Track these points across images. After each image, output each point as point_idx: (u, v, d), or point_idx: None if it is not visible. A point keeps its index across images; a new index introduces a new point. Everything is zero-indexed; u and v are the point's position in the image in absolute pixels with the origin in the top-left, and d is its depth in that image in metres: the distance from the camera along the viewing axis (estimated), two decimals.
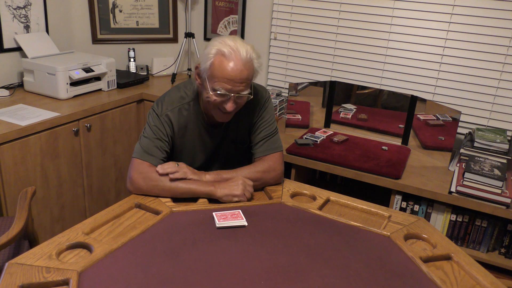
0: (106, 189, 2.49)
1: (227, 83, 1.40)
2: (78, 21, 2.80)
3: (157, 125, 1.54)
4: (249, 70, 1.42)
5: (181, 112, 1.57)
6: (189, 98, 1.58)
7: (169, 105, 1.56)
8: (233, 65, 1.39)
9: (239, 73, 1.40)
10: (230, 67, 1.39)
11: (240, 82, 1.41)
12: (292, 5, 2.65)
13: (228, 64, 1.39)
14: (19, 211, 1.56)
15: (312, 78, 2.70)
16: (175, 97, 1.58)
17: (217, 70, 1.40)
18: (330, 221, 1.40)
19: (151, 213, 1.39)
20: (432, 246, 1.31)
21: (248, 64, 1.41)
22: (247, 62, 1.41)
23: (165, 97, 1.59)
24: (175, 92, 1.59)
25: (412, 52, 2.41)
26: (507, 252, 1.95)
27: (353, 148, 2.27)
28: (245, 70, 1.40)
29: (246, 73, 1.41)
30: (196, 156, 1.65)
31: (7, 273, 1.06)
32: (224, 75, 1.40)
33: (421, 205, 2.03)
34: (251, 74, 1.43)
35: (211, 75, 1.42)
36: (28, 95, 2.36)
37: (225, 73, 1.39)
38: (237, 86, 1.41)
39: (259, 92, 1.63)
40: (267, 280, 1.10)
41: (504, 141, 2.05)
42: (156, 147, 1.52)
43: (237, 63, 1.39)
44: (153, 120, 1.55)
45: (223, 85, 1.40)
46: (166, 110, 1.55)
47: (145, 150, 1.51)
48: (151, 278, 1.09)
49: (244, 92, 1.44)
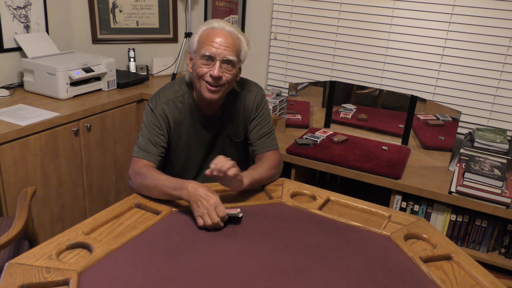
0: (106, 189, 2.49)
1: (213, 45, 1.47)
2: (78, 21, 2.80)
3: (152, 121, 1.57)
4: (234, 40, 1.50)
5: (176, 104, 1.60)
6: (183, 91, 1.62)
7: (163, 98, 1.59)
8: (220, 32, 1.49)
9: (225, 38, 1.48)
10: (216, 33, 1.49)
11: (226, 46, 1.48)
12: (292, 5, 2.65)
13: (215, 32, 1.49)
14: (19, 211, 1.56)
15: (312, 78, 2.70)
16: (169, 91, 1.62)
17: (203, 38, 1.50)
18: (330, 221, 1.40)
19: (151, 213, 1.39)
20: (432, 246, 1.31)
21: (234, 35, 1.50)
22: (233, 33, 1.50)
23: (159, 92, 1.63)
24: (169, 87, 1.64)
25: (412, 52, 2.41)
26: (507, 252, 1.95)
27: (353, 148, 2.27)
28: (230, 38, 1.49)
29: (232, 40, 1.49)
30: (192, 150, 1.67)
31: (7, 273, 1.06)
32: (211, 39, 1.48)
33: (421, 205, 2.03)
34: (237, 44, 1.51)
35: (199, 45, 1.50)
36: (28, 95, 2.36)
37: (212, 38, 1.48)
38: (222, 49, 1.47)
39: (254, 88, 1.69)
40: (267, 280, 1.10)
41: (504, 141, 2.05)
42: (152, 144, 1.55)
43: (223, 31, 1.49)
44: (147, 117, 1.59)
45: (209, 48, 1.47)
46: (160, 103, 1.58)
47: (141, 148, 1.55)
48: (151, 278, 1.09)
49: (230, 57, 1.48)
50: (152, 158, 1.54)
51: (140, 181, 1.46)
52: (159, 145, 1.56)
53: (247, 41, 1.55)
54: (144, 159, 1.52)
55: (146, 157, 1.53)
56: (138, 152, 1.54)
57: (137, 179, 1.47)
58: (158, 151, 1.55)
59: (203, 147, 1.68)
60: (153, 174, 1.45)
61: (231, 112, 1.66)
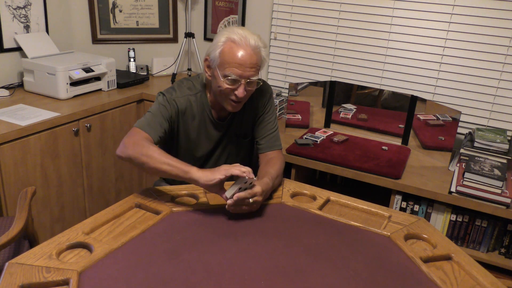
0: (106, 189, 2.49)
1: (238, 68, 1.44)
2: (78, 21, 2.80)
3: (165, 105, 1.57)
4: (258, 56, 1.47)
5: (190, 100, 1.61)
6: (196, 90, 1.63)
7: (178, 93, 1.60)
8: (243, 51, 1.44)
9: (249, 57, 1.45)
10: (240, 52, 1.44)
11: (250, 67, 1.46)
12: (292, 5, 2.65)
13: (238, 50, 1.44)
14: (19, 211, 1.56)
15: (312, 78, 2.70)
16: (184, 87, 1.63)
17: (227, 56, 1.45)
18: (330, 221, 1.40)
19: (151, 213, 1.39)
20: (432, 246, 1.31)
21: (257, 50, 1.47)
22: (256, 48, 1.47)
23: (174, 85, 1.64)
24: (184, 83, 1.65)
25: (412, 52, 2.41)
26: (507, 252, 1.95)
27: (353, 148, 2.27)
28: (255, 56, 1.46)
29: (256, 58, 1.46)
30: (198, 147, 1.68)
31: (7, 273, 1.06)
32: (235, 60, 1.44)
33: (421, 205, 2.03)
34: (259, 60, 1.49)
35: (222, 62, 1.47)
36: (28, 95, 2.36)
37: (236, 58, 1.44)
38: (247, 71, 1.46)
39: (263, 86, 1.68)
40: (267, 280, 1.10)
41: (504, 141, 2.05)
42: (158, 123, 1.54)
43: (247, 49, 1.45)
44: (162, 100, 1.58)
45: (234, 70, 1.45)
46: (175, 96, 1.59)
47: (147, 122, 1.53)
48: (151, 278, 1.09)
49: (254, 78, 1.48)
50: (154, 134, 1.50)
51: (141, 150, 1.41)
52: (162, 127, 1.55)
53: (265, 45, 1.52)
54: (147, 132, 1.49)
55: (151, 132, 1.50)
56: (143, 125, 1.51)
57: (136, 147, 1.42)
58: (160, 132, 1.54)
59: (209, 144, 1.69)
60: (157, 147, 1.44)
61: (242, 112, 1.67)
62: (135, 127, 1.52)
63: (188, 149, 1.69)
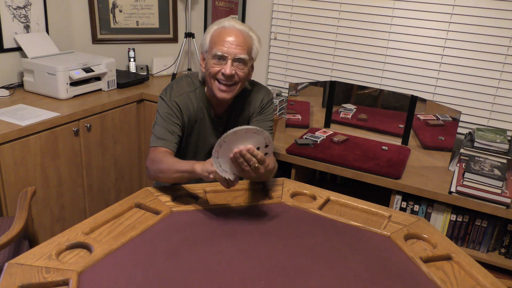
0: (106, 189, 2.49)
1: (224, 45, 1.49)
2: (78, 21, 2.80)
3: (167, 111, 1.59)
4: (245, 38, 1.52)
5: (189, 97, 1.62)
6: (195, 86, 1.64)
7: (176, 92, 1.61)
8: (230, 31, 1.51)
9: (236, 37, 1.50)
10: (226, 32, 1.51)
11: (236, 44, 1.50)
12: (292, 5, 2.65)
13: (226, 31, 1.51)
14: (19, 211, 1.56)
15: (312, 78, 2.70)
16: (182, 84, 1.64)
17: (215, 37, 1.52)
18: (330, 221, 1.40)
19: (151, 213, 1.39)
20: (432, 246, 1.31)
21: (244, 33, 1.52)
22: (244, 32, 1.53)
23: (173, 84, 1.65)
24: (182, 80, 1.66)
25: (412, 52, 2.41)
26: (507, 252, 1.95)
27: (353, 148, 2.27)
28: (241, 36, 1.51)
29: (243, 39, 1.51)
30: (199, 146, 1.70)
31: (7, 273, 1.06)
32: (221, 38, 1.50)
33: (421, 205, 2.03)
34: (248, 42, 1.53)
35: (211, 46, 1.53)
36: (28, 95, 2.36)
37: (222, 37, 1.50)
38: (233, 48, 1.50)
39: (263, 90, 1.71)
40: (267, 280, 1.10)
41: (504, 141, 2.05)
42: (168, 131, 1.57)
43: (234, 30, 1.51)
44: (162, 108, 1.60)
45: (220, 48, 1.50)
46: (174, 96, 1.60)
47: (157, 137, 1.56)
48: (151, 278, 1.09)
49: (241, 56, 1.50)
50: (169, 144, 1.55)
51: (156, 167, 1.48)
52: (175, 133, 1.58)
53: (259, 39, 1.58)
54: (161, 146, 1.54)
55: (163, 144, 1.55)
56: (155, 141, 1.56)
57: (153, 166, 1.50)
58: (174, 139, 1.57)
59: (208, 144, 1.70)
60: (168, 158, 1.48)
61: (239, 112, 1.69)
62: (150, 147, 1.57)
63: (191, 152, 1.70)
